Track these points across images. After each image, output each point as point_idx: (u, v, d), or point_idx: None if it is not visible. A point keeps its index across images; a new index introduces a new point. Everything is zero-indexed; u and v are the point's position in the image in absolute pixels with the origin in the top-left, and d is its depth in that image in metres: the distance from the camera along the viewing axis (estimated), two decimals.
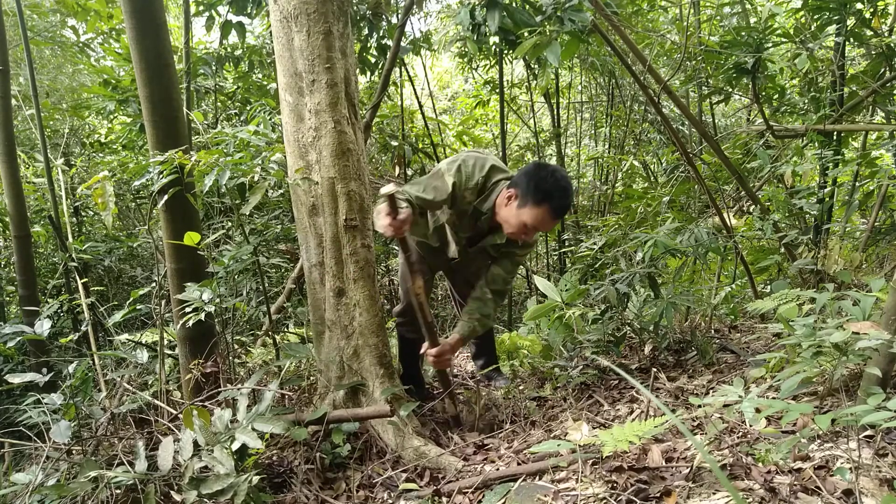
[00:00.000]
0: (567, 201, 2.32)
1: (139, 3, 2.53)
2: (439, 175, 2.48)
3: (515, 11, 3.43)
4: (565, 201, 2.31)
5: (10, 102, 3.65)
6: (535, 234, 2.43)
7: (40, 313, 3.21)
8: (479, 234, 2.61)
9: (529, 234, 2.37)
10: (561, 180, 2.31)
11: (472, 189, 2.47)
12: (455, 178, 2.45)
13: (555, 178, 2.30)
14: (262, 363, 3.22)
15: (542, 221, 2.30)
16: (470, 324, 2.57)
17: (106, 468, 1.81)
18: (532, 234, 2.38)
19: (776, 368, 2.23)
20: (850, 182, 3.95)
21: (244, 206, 2.36)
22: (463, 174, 2.46)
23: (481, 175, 2.46)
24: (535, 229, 2.34)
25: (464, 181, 2.45)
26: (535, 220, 2.30)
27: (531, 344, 3.83)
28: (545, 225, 2.33)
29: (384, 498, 2.04)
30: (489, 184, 2.47)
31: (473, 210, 2.51)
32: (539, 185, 2.27)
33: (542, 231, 2.39)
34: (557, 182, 2.29)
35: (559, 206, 2.29)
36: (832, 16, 3.44)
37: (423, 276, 2.82)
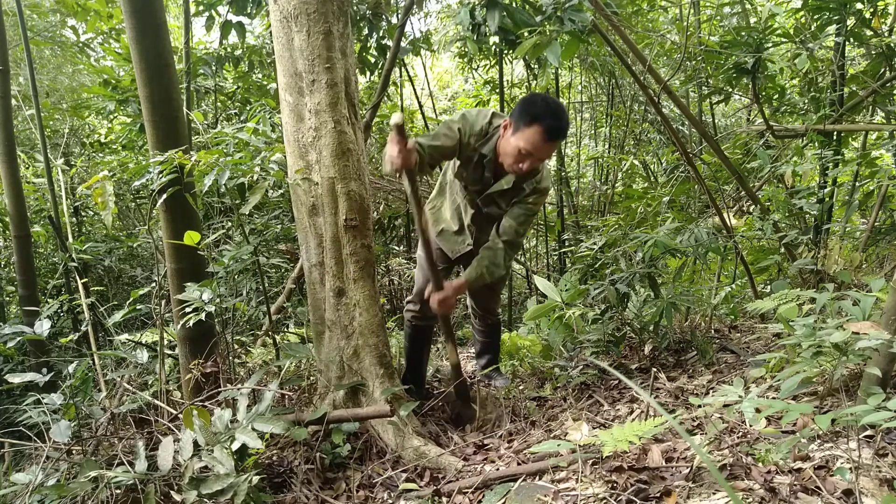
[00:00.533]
0: (559, 122, 2.29)
1: (139, 3, 2.53)
2: (446, 125, 2.53)
3: (515, 11, 3.43)
4: (557, 122, 2.28)
5: (10, 102, 3.65)
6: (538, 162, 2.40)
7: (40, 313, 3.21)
8: (486, 184, 2.61)
9: (526, 160, 2.34)
10: (551, 103, 2.31)
11: (477, 135, 2.51)
12: (460, 124, 2.50)
13: (545, 102, 2.31)
14: (262, 363, 3.22)
15: (534, 144, 2.28)
16: (478, 269, 2.57)
17: (106, 468, 1.81)
18: (530, 162, 2.35)
19: (776, 368, 2.23)
20: (850, 182, 3.95)
21: (244, 206, 2.36)
22: (468, 120, 2.51)
23: (484, 121, 2.51)
24: (529, 155, 2.32)
25: (468, 128, 2.50)
26: (528, 143, 2.28)
27: (531, 344, 3.83)
28: (539, 148, 2.30)
29: (384, 498, 2.04)
30: (491, 129, 2.52)
31: (478, 156, 2.54)
32: (528, 108, 2.29)
33: (539, 156, 2.35)
34: (547, 105, 2.29)
35: (550, 126, 2.26)
36: (832, 16, 3.44)
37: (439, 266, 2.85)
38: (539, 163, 2.42)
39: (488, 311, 3.21)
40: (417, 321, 2.91)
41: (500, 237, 2.60)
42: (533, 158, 2.34)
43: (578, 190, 7.72)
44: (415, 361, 3.01)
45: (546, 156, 2.39)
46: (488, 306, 3.20)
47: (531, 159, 2.35)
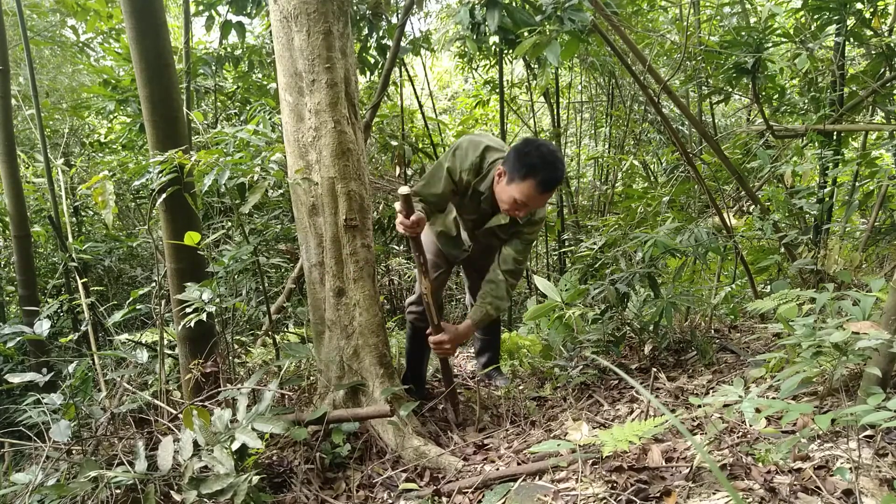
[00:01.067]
0: (554, 174, 2.29)
1: (139, 2, 2.53)
2: (439, 165, 2.53)
3: (515, 11, 3.43)
4: (552, 174, 2.28)
5: (10, 102, 3.65)
6: (534, 209, 2.43)
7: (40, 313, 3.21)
8: (483, 216, 2.62)
9: (522, 209, 2.35)
10: (546, 154, 2.28)
11: (469, 170, 2.49)
12: (450, 163, 2.49)
13: (539, 152, 2.28)
14: (262, 363, 3.22)
15: (530, 196, 2.29)
16: (482, 308, 2.58)
17: (106, 468, 1.81)
18: (526, 210, 2.37)
19: (776, 368, 2.23)
20: (850, 182, 3.95)
21: (244, 206, 2.36)
22: (457, 158, 2.49)
23: (475, 156, 2.48)
24: (525, 205, 2.33)
25: (458, 165, 2.49)
26: (524, 196, 2.29)
27: (531, 344, 3.83)
28: (534, 200, 2.31)
29: (384, 498, 2.04)
30: (485, 164, 2.49)
31: (473, 192, 2.53)
32: (524, 159, 2.27)
33: (535, 206, 2.37)
34: (543, 156, 2.27)
35: (545, 179, 2.26)
36: (832, 16, 3.43)
37: (439, 269, 2.86)
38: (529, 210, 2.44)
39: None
40: (419, 323, 2.90)
41: (501, 268, 2.61)
42: (529, 208, 2.37)
43: (578, 190, 7.72)
44: (415, 362, 3.01)
45: (541, 204, 2.41)
46: None
47: (527, 209, 2.37)
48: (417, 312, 2.90)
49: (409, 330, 2.99)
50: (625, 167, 6.81)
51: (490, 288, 2.60)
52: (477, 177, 2.50)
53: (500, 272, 2.60)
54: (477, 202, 2.57)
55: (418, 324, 2.91)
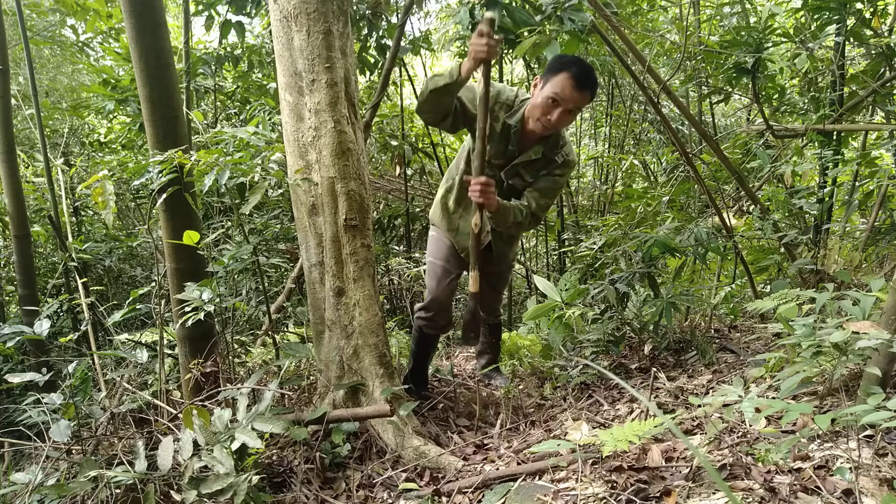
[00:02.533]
0: (589, 73, 2.32)
1: (138, 2, 2.53)
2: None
3: (515, 10, 3.43)
4: (586, 71, 2.32)
5: (10, 102, 3.65)
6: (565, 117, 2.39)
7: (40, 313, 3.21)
8: (510, 158, 2.61)
9: (554, 110, 2.35)
10: (582, 60, 2.37)
11: (503, 104, 2.54)
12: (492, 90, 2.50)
13: (575, 57, 2.41)
14: (262, 363, 3.22)
15: (563, 89, 2.31)
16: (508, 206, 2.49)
17: (106, 468, 1.81)
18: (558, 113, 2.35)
19: (776, 368, 2.23)
20: (850, 182, 3.95)
21: (244, 206, 2.36)
22: (495, 89, 2.53)
23: (511, 94, 2.56)
24: (558, 104, 2.34)
25: (495, 95, 2.51)
26: (558, 88, 2.32)
27: (531, 343, 3.83)
28: (568, 95, 2.31)
29: (384, 497, 2.04)
30: (517, 101, 2.55)
31: (503, 127, 2.54)
32: (560, 59, 2.38)
33: (568, 107, 2.35)
34: (577, 58, 2.37)
35: (579, 72, 2.29)
36: (832, 16, 3.44)
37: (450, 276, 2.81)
38: (567, 116, 2.41)
39: (491, 312, 3.20)
40: (429, 330, 2.86)
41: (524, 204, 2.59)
42: (562, 109, 2.36)
43: (578, 190, 7.72)
44: (419, 363, 2.99)
45: (575, 105, 2.38)
46: (492, 306, 3.19)
47: (559, 109, 2.36)
48: (427, 319, 2.85)
49: (417, 334, 2.94)
50: (625, 167, 6.81)
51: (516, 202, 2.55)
52: (509, 111, 2.54)
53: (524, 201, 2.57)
54: (506, 141, 2.56)
55: (428, 331, 2.87)
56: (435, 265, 2.84)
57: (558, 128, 2.46)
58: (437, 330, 2.88)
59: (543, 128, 2.43)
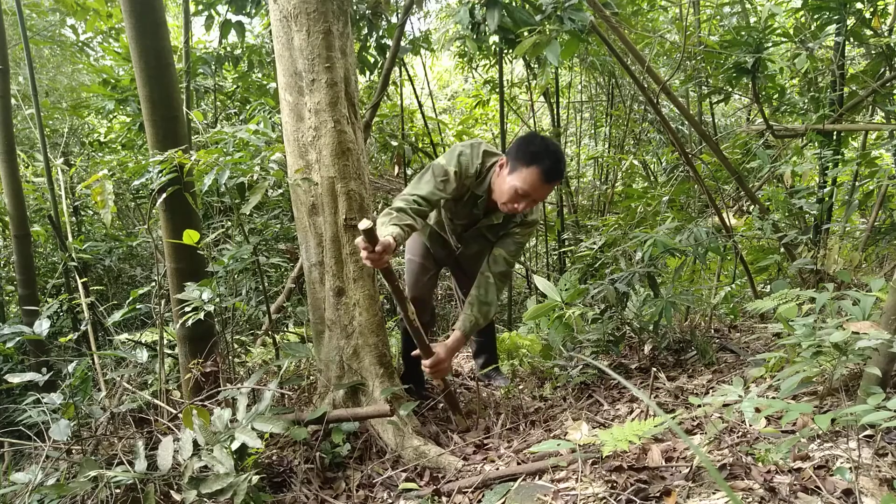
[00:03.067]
0: (558, 165, 2.27)
1: (138, 2, 2.52)
2: (440, 170, 2.46)
3: (515, 10, 3.43)
4: (556, 164, 2.26)
5: (10, 102, 3.65)
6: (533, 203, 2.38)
7: (40, 313, 3.20)
8: (474, 220, 2.62)
9: (521, 201, 2.32)
10: (550, 145, 2.29)
11: (472, 176, 2.49)
12: (455, 167, 2.47)
13: (544, 143, 2.28)
14: (262, 363, 3.22)
15: (532, 184, 2.26)
16: (471, 317, 2.54)
17: (105, 468, 1.81)
18: (525, 203, 2.33)
19: (776, 368, 2.23)
20: (850, 182, 3.95)
21: (244, 206, 2.36)
22: (462, 164, 2.47)
23: (478, 162, 2.48)
24: (526, 195, 2.30)
25: (463, 170, 2.47)
26: (526, 183, 2.26)
27: (531, 343, 3.83)
28: (536, 189, 2.28)
29: (384, 497, 2.04)
30: (484, 169, 2.50)
31: (470, 195, 2.53)
32: (529, 147, 2.27)
33: (535, 197, 2.33)
34: (547, 146, 2.27)
35: (549, 168, 2.25)
36: (832, 15, 3.43)
37: (428, 272, 2.84)
38: (535, 204, 2.41)
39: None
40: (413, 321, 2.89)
41: (490, 269, 2.58)
42: (529, 200, 2.33)
43: (578, 189, 7.72)
44: (412, 362, 3.00)
45: (543, 197, 2.37)
46: None
47: (527, 200, 2.33)
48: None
49: (403, 337, 2.98)
50: (624, 167, 6.82)
51: (478, 293, 2.56)
52: (477, 179, 2.50)
53: (490, 274, 2.58)
54: (471, 206, 2.56)
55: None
56: (413, 262, 2.88)
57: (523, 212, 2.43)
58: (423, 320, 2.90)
59: (510, 211, 2.41)
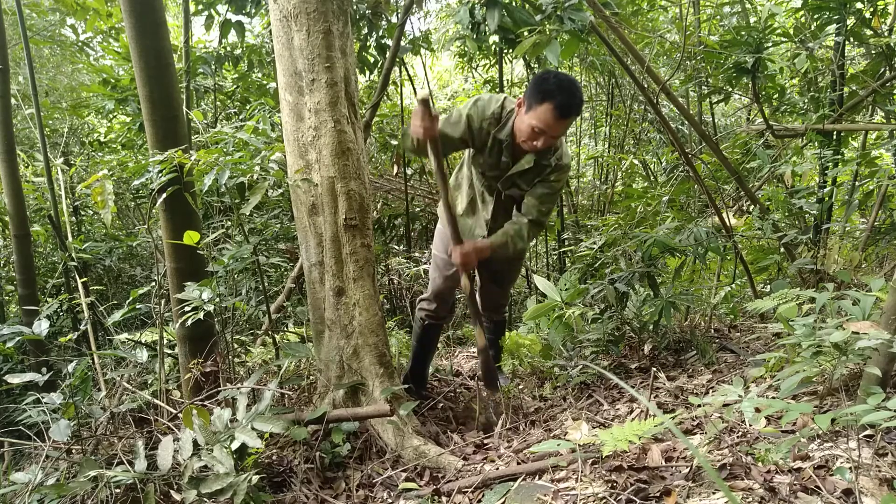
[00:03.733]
0: (571, 100, 2.27)
1: (138, 2, 2.52)
2: (456, 112, 2.52)
3: (515, 10, 3.43)
4: (569, 99, 2.27)
5: (10, 101, 3.65)
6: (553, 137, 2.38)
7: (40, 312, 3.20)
8: (505, 169, 2.60)
9: (539, 138, 2.34)
10: (564, 80, 2.29)
11: (489, 120, 2.49)
12: (471, 111, 2.49)
13: (557, 79, 2.29)
14: (262, 362, 3.22)
15: (547, 122, 2.27)
16: (503, 237, 2.55)
17: (105, 467, 1.81)
18: (545, 140, 2.35)
19: (776, 368, 2.23)
20: (850, 182, 3.95)
21: (244, 206, 2.36)
22: (479, 107, 2.50)
23: (497, 106, 2.49)
24: (543, 133, 2.31)
25: (478, 114, 2.49)
26: (541, 121, 2.28)
27: (531, 343, 3.83)
28: (552, 126, 2.29)
29: (384, 497, 2.04)
30: (504, 113, 2.50)
31: (493, 141, 2.52)
32: (541, 85, 2.28)
33: (553, 134, 2.33)
34: (560, 82, 2.28)
35: (562, 103, 2.25)
36: (832, 15, 3.43)
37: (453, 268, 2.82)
38: (554, 140, 2.41)
39: (496, 309, 3.18)
40: (431, 320, 2.89)
41: (524, 214, 2.59)
42: (547, 136, 2.34)
43: (578, 189, 7.72)
44: (419, 361, 2.99)
45: (560, 133, 2.37)
46: (498, 302, 3.16)
47: (545, 137, 2.34)
48: (430, 310, 2.87)
49: (419, 328, 2.95)
50: (624, 167, 6.81)
51: (512, 226, 2.57)
52: (497, 125, 2.50)
53: (523, 218, 2.58)
54: (498, 154, 2.55)
55: (430, 321, 2.89)
56: (437, 257, 2.86)
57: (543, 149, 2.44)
58: (439, 320, 2.91)
59: (531, 149, 2.42)
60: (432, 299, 2.86)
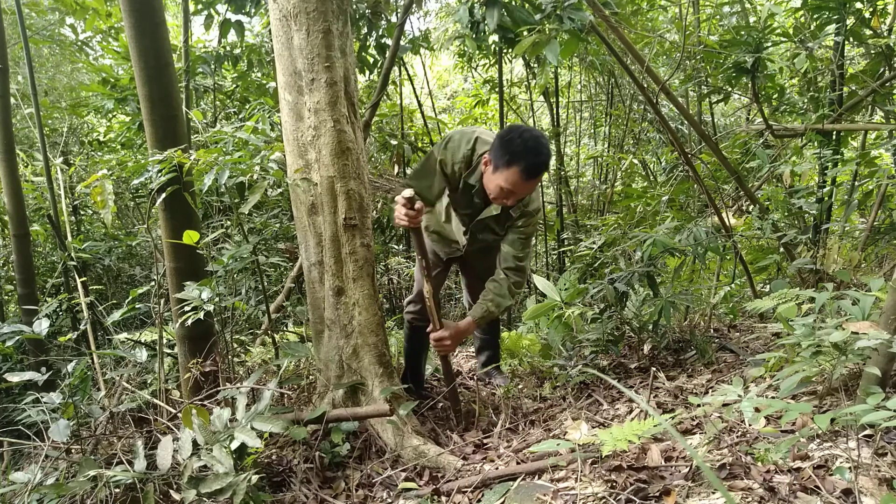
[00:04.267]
0: (538, 160, 2.25)
1: (138, 1, 2.52)
2: (430, 156, 2.55)
3: (514, 9, 3.42)
4: (535, 160, 2.25)
5: (10, 101, 3.64)
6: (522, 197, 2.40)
7: (39, 312, 3.20)
8: (476, 210, 2.62)
9: (510, 198, 2.34)
10: (529, 140, 2.25)
11: (461, 162, 2.50)
12: (441, 155, 2.50)
13: (522, 139, 2.25)
14: (262, 362, 3.22)
15: (514, 183, 2.26)
16: (484, 305, 2.57)
17: (105, 467, 1.81)
18: (513, 198, 2.35)
19: (775, 368, 2.23)
20: (850, 181, 3.95)
21: (243, 206, 2.36)
22: (449, 151, 2.50)
23: (467, 148, 2.48)
24: (512, 193, 2.31)
25: (451, 157, 2.50)
26: (508, 182, 2.27)
27: (531, 343, 3.83)
28: (520, 187, 2.28)
29: (383, 497, 2.04)
30: (475, 156, 2.48)
31: (464, 184, 2.54)
32: (507, 147, 2.25)
33: (521, 194, 2.35)
34: (525, 142, 2.24)
35: (529, 165, 2.23)
36: (831, 15, 3.43)
37: (436, 268, 2.88)
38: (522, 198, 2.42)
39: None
40: (417, 322, 2.90)
41: (502, 267, 2.60)
42: (516, 195, 2.34)
43: (577, 189, 7.72)
44: (414, 362, 3.01)
45: (528, 192, 2.39)
46: None
47: (514, 196, 2.35)
48: (415, 312, 2.90)
49: (407, 329, 2.99)
50: (624, 166, 6.81)
51: (493, 286, 2.59)
52: (468, 169, 2.50)
53: (501, 272, 2.61)
54: (469, 196, 2.56)
55: (416, 323, 2.91)
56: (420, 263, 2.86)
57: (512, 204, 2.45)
58: (425, 322, 2.89)
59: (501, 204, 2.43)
60: (418, 301, 2.86)
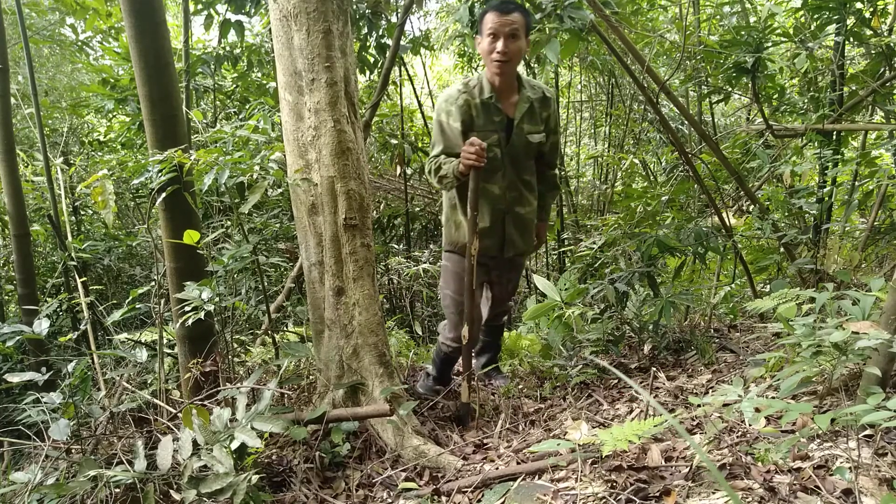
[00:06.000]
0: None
1: (138, 1, 2.52)
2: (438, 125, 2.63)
3: None
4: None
5: (10, 101, 3.64)
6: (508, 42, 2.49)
7: (39, 312, 3.20)
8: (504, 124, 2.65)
9: (497, 42, 2.47)
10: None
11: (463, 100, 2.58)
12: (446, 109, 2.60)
13: None
14: (262, 362, 3.22)
15: (493, 22, 2.46)
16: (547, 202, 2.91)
17: (105, 467, 1.81)
18: (501, 43, 2.47)
19: (775, 368, 2.23)
20: (850, 182, 3.95)
21: (244, 206, 2.36)
22: (448, 102, 2.61)
23: (457, 88, 2.63)
24: (495, 34, 2.48)
25: (452, 103, 2.59)
26: (490, 27, 2.47)
27: (531, 343, 3.83)
28: (499, 23, 2.46)
29: (383, 497, 2.04)
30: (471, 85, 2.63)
31: (482, 105, 2.60)
32: (480, 14, 2.55)
33: (503, 33, 2.48)
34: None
35: (496, 4, 2.46)
36: (832, 15, 3.43)
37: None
38: (512, 43, 2.50)
39: (500, 315, 3.14)
40: (455, 354, 2.87)
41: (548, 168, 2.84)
42: (501, 36, 2.47)
43: (578, 189, 7.72)
44: (443, 374, 3.00)
45: (509, 27, 2.48)
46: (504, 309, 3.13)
47: (501, 38, 2.47)
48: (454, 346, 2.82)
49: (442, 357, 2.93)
50: (624, 166, 6.82)
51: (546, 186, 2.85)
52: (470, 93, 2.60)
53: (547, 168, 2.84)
54: (488, 112, 2.60)
55: (454, 354, 2.88)
56: (455, 301, 2.77)
57: (511, 57, 2.52)
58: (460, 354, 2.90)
59: (500, 65, 2.51)
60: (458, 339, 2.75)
